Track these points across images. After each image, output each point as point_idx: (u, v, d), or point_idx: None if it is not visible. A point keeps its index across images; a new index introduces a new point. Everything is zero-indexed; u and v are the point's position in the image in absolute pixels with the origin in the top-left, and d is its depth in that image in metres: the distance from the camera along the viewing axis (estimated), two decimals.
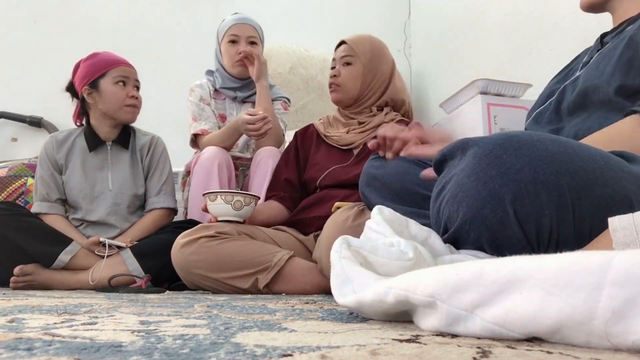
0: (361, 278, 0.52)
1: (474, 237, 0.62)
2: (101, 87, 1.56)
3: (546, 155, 0.57)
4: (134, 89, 1.61)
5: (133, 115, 1.61)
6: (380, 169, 1.08)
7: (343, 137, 1.53)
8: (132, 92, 1.59)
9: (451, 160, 0.67)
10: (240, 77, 1.82)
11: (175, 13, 2.70)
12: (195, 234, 1.21)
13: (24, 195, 1.91)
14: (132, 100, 1.59)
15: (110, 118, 1.59)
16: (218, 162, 1.59)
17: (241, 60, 1.77)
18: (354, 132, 1.54)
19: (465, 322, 0.39)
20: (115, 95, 1.56)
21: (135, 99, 1.59)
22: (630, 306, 0.32)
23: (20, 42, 2.50)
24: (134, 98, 1.59)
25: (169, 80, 2.57)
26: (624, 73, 0.85)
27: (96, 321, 0.50)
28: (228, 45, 1.80)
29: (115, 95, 1.56)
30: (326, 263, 1.14)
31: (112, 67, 1.57)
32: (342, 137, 1.54)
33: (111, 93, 1.56)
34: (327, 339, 0.38)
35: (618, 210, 0.53)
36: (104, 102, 1.57)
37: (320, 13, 2.87)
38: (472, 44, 2.23)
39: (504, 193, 0.57)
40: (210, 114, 1.80)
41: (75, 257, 1.41)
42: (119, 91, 1.57)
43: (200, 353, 0.32)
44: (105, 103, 1.57)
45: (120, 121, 1.61)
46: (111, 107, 1.57)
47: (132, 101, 1.59)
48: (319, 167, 1.50)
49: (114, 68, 1.57)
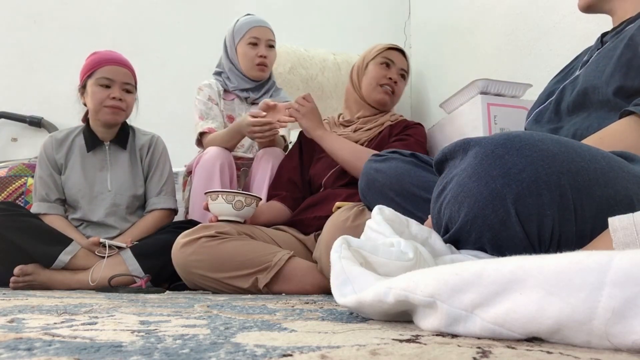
0: (361, 278, 0.52)
1: (475, 237, 0.62)
2: (87, 87, 1.57)
3: (548, 155, 0.57)
4: (122, 91, 1.56)
5: (114, 116, 1.57)
6: (380, 171, 1.08)
7: (350, 136, 1.55)
8: (115, 94, 1.55)
9: (452, 160, 0.67)
10: (257, 80, 1.82)
11: (175, 13, 2.69)
12: (195, 233, 1.21)
13: (24, 195, 1.91)
14: (112, 102, 1.54)
15: (96, 119, 1.59)
16: (220, 163, 1.59)
17: (260, 65, 1.78)
18: (361, 131, 1.56)
19: (465, 322, 0.39)
20: (96, 96, 1.55)
21: (117, 101, 1.55)
22: (630, 306, 0.32)
23: (20, 42, 2.50)
24: (115, 99, 1.54)
25: (169, 80, 2.57)
26: (623, 73, 0.85)
27: (96, 321, 0.50)
28: (247, 48, 1.79)
29: (96, 95, 1.54)
30: (326, 263, 1.14)
31: (99, 67, 1.55)
32: (350, 136, 1.55)
33: (93, 93, 1.55)
34: (327, 339, 0.38)
35: (619, 210, 0.53)
36: (89, 102, 1.57)
37: (320, 13, 2.87)
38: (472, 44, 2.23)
39: (506, 193, 0.57)
40: (217, 114, 1.80)
41: (75, 257, 1.41)
42: (100, 92, 1.54)
43: (200, 353, 0.32)
44: (90, 103, 1.57)
45: (102, 122, 1.59)
46: (93, 107, 1.56)
47: (112, 102, 1.54)
48: (325, 165, 1.51)
49: (100, 68, 1.55)
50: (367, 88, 1.60)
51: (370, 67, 1.61)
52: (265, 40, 1.80)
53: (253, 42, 1.79)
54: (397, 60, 1.62)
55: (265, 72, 1.82)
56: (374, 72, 1.60)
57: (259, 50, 1.78)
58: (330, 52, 2.63)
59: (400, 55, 1.64)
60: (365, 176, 1.12)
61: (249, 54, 1.79)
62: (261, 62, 1.78)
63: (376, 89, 1.58)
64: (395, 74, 1.61)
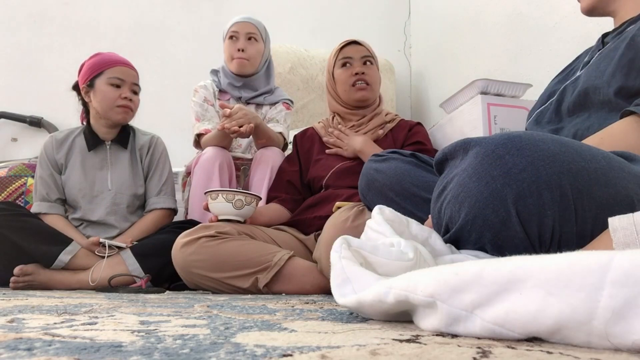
0: (361, 278, 0.52)
1: (475, 237, 0.62)
2: (96, 86, 1.57)
3: (548, 155, 0.57)
4: (131, 92, 1.59)
5: (124, 116, 1.59)
6: (379, 171, 1.08)
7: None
8: (126, 94, 1.57)
9: (452, 160, 0.67)
10: (239, 74, 1.82)
11: (175, 13, 2.70)
12: (195, 233, 1.21)
13: (24, 195, 1.91)
14: (124, 101, 1.56)
15: (104, 118, 1.59)
16: (219, 163, 1.59)
17: (238, 59, 1.78)
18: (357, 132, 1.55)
19: (465, 322, 0.39)
20: (107, 95, 1.56)
21: (127, 100, 1.57)
22: (630, 306, 0.32)
23: (20, 42, 2.50)
24: (126, 99, 1.57)
25: (169, 80, 2.57)
26: (624, 74, 0.85)
27: (96, 321, 0.50)
28: (228, 42, 1.81)
29: (107, 95, 1.56)
30: (326, 263, 1.14)
31: (109, 67, 1.57)
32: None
33: (104, 93, 1.56)
34: (327, 339, 0.38)
35: (620, 210, 0.53)
36: (98, 101, 1.57)
37: (320, 13, 2.87)
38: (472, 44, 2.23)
39: (507, 193, 0.57)
40: (213, 114, 1.80)
41: (75, 257, 1.41)
42: (111, 91, 1.56)
43: (200, 353, 0.32)
44: (99, 102, 1.57)
45: (112, 122, 1.60)
46: (103, 107, 1.57)
47: (124, 102, 1.57)
48: (324, 166, 1.51)
49: (111, 68, 1.57)
50: (344, 94, 1.58)
51: (336, 74, 1.59)
52: (245, 33, 1.79)
53: (232, 35, 1.80)
54: (353, 53, 1.58)
55: (245, 66, 1.79)
56: (340, 77, 1.57)
57: (237, 43, 1.79)
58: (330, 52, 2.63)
59: (355, 46, 1.60)
60: (365, 176, 1.12)
61: (229, 49, 1.80)
62: (239, 56, 1.77)
63: (350, 90, 1.56)
64: (359, 66, 1.56)
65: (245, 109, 1.58)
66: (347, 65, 1.58)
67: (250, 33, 1.80)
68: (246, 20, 1.82)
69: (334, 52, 1.62)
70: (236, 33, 1.80)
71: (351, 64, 1.57)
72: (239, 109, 1.55)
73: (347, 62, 1.58)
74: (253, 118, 1.57)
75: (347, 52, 1.59)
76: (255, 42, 1.82)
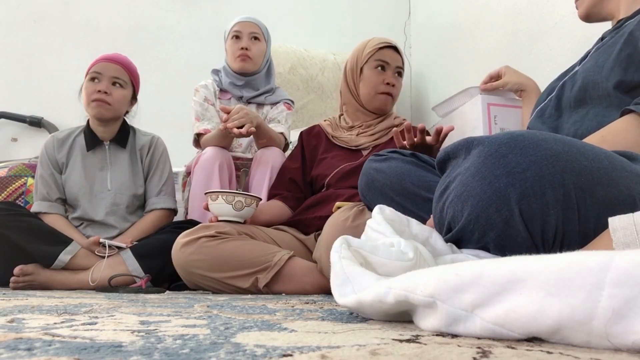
0: (361, 278, 0.52)
1: (478, 236, 0.62)
2: (83, 85, 1.59)
3: (551, 154, 0.57)
4: (110, 85, 1.56)
5: (99, 109, 1.55)
6: (380, 170, 1.08)
7: (353, 139, 1.54)
8: (100, 87, 1.54)
9: (455, 160, 0.67)
10: (241, 73, 1.82)
11: (175, 13, 2.69)
12: (195, 233, 1.21)
13: (24, 195, 1.91)
14: (97, 95, 1.54)
15: (89, 115, 1.60)
16: (219, 163, 1.59)
17: (242, 56, 1.78)
18: (364, 135, 1.55)
19: (465, 322, 0.39)
20: (86, 91, 1.57)
21: (102, 94, 1.54)
22: (630, 306, 0.32)
23: (20, 42, 2.50)
24: (100, 92, 1.54)
25: (169, 80, 2.57)
26: (623, 68, 0.86)
27: (96, 321, 0.50)
28: (231, 42, 1.82)
29: (86, 91, 1.57)
30: (326, 263, 1.14)
31: (92, 66, 1.58)
32: (352, 139, 1.54)
33: (85, 89, 1.57)
34: (327, 339, 0.38)
35: (622, 210, 0.53)
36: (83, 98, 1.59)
37: (320, 13, 2.87)
38: (472, 44, 2.23)
39: (510, 192, 0.57)
40: (214, 114, 1.80)
41: (75, 257, 1.41)
42: (89, 86, 1.56)
43: (200, 353, 0.32)
44: (83, 99, 1.58)
45: (91, 117, 1.60)
46: (84, 103, 1.58)
47: (97, 95, 1.54)
48: (329, 165, 1.50)
49: (92, 67, 1.58)
50: (366, 97, 1.54)
51: (365, 72, 1.54)
52: (248, 32, 1.81)
53: (235, 34, 1.81)
54: (391, 59, 1.54)
55: (248, 63, 1.80)
56: (370, 78, 1.53)
57: (241, 42, 1.80)
58: (330, 52, 2.63)
59: (394, 53, 1.56)
60: (365, 176, 1.12)
61: (232, 47, 1.81)
62: (242, 54, 1.78)
63: (376, 97, 1.53)
64: (392, 75, 1.53)
65: (247, 109, 1.58)
66: (380, 69, 1.53)
67: (253, 32, 1.82)
68: (249, 20, 1.83)
69: (371, 49, 1.54)
70: (239, 32, 1.81)
71: (385, 70, 1.53)
72: (240, 109, 1.55)
73: (382, 65, 1.53)
74: (254, 118, 1.57)
75: (385, 55, 1.54)
76: (258, 41, 1.83)
